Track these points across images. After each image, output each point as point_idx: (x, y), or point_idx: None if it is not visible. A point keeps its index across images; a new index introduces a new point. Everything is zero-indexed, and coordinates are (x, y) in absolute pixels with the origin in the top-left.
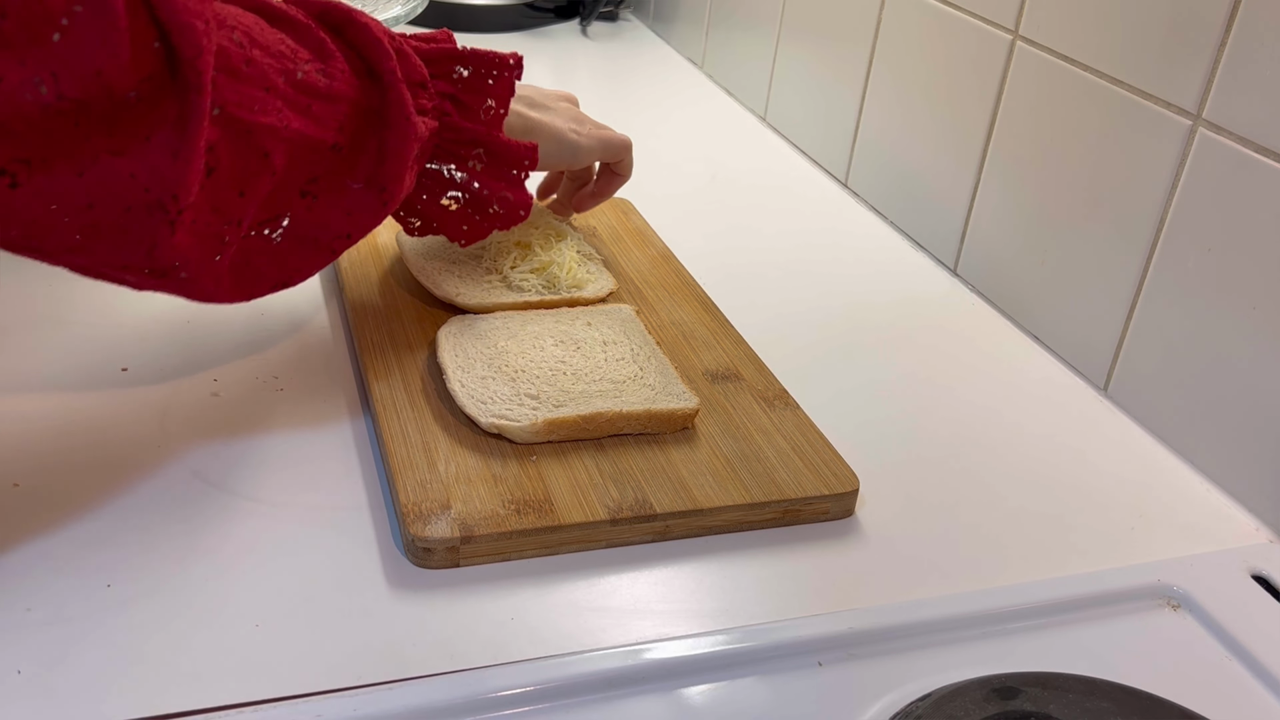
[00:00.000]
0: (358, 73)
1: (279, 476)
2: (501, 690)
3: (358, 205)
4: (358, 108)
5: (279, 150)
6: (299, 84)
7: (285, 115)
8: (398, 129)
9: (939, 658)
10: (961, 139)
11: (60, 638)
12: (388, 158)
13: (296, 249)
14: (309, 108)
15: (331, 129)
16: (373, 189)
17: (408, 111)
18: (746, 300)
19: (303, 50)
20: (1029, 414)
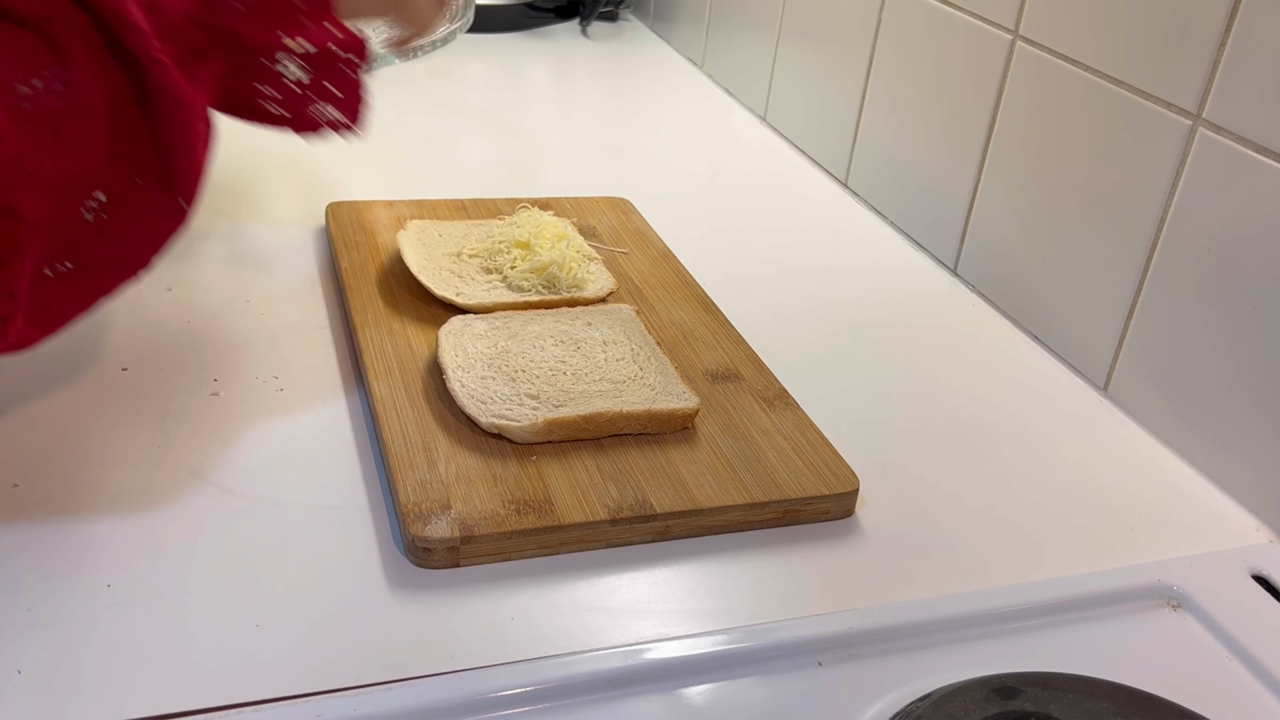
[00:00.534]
0: (102, 54)
1: (279, 476)
2: (501, 690)
3: (155, 211)
4: (119, 100)
5: (32, 204)
6: (35, 115)
7: (29, 160)
8: (170, 118)
9: (939, 658)
10: (961, 139)
11: (60, 638)
12: (169, 152)
13: (96, 278)
14: (56, 135)
15: (96, 144)
16: (165, 190)
17: (177, 95)
18: (746, 300)
19: (32, 66)
20: (1029, 414)
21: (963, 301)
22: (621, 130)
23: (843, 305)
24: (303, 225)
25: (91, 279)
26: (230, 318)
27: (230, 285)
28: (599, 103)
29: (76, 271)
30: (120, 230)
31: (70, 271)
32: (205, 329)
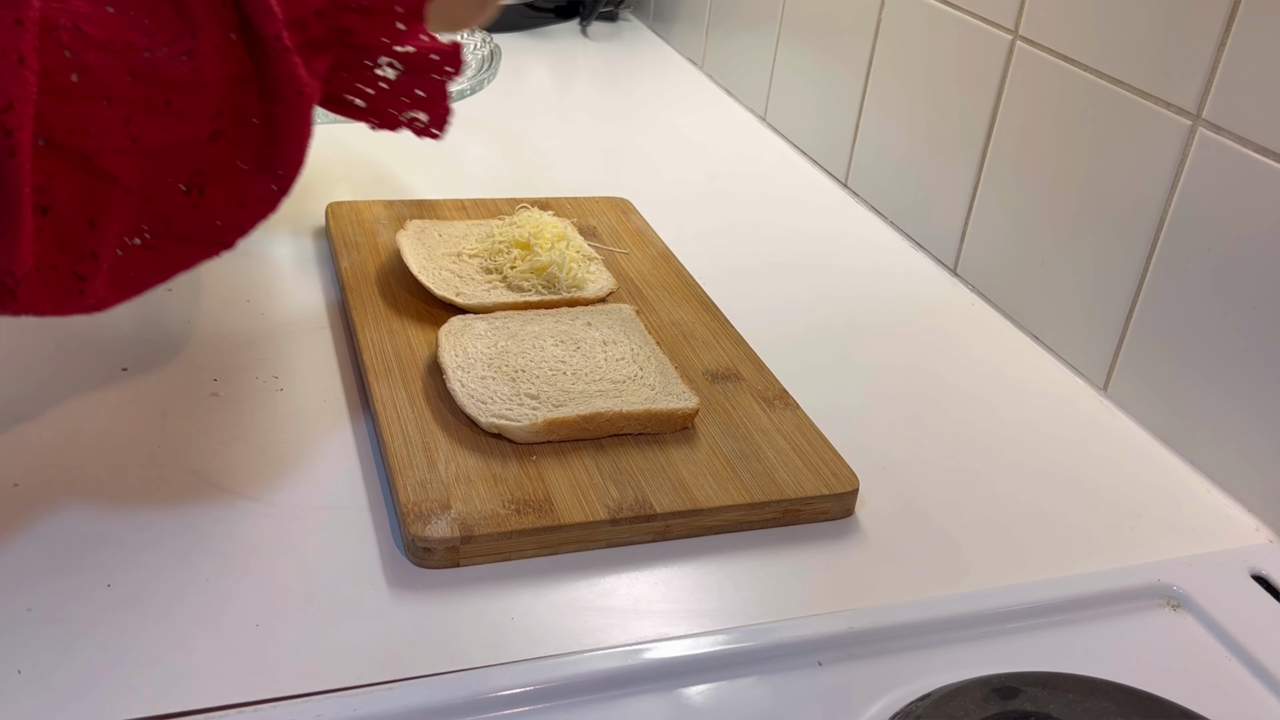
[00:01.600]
0: (232, 34)
1: (279, 476)
2: (501, 690)
3: (250, 194)
4: (236, 80)
5: (130, 167)
6: (154, 78)
7: (134, 125)
8: (289, 104)
9: (939, 658)
10: (961, 139)
11: (60, 638)
12: (279, 138)
13: (183, 249)
14: (169, 103)
15: (204, 119)
16: (266, 174)
17: (299, 84)
18: (746, 300)
19: (161, 32)
20: (1029, 414)
21: (962, 301)
22: (621, 130)
23: (843, 305)
24: (302, 225)
25: (176, 250)
26: (230, 318)
27: (230, 285)
28: (599, 103)
29: (162, 242)
30: (213, 208)
31: (156, 241)
32: (205, 329)
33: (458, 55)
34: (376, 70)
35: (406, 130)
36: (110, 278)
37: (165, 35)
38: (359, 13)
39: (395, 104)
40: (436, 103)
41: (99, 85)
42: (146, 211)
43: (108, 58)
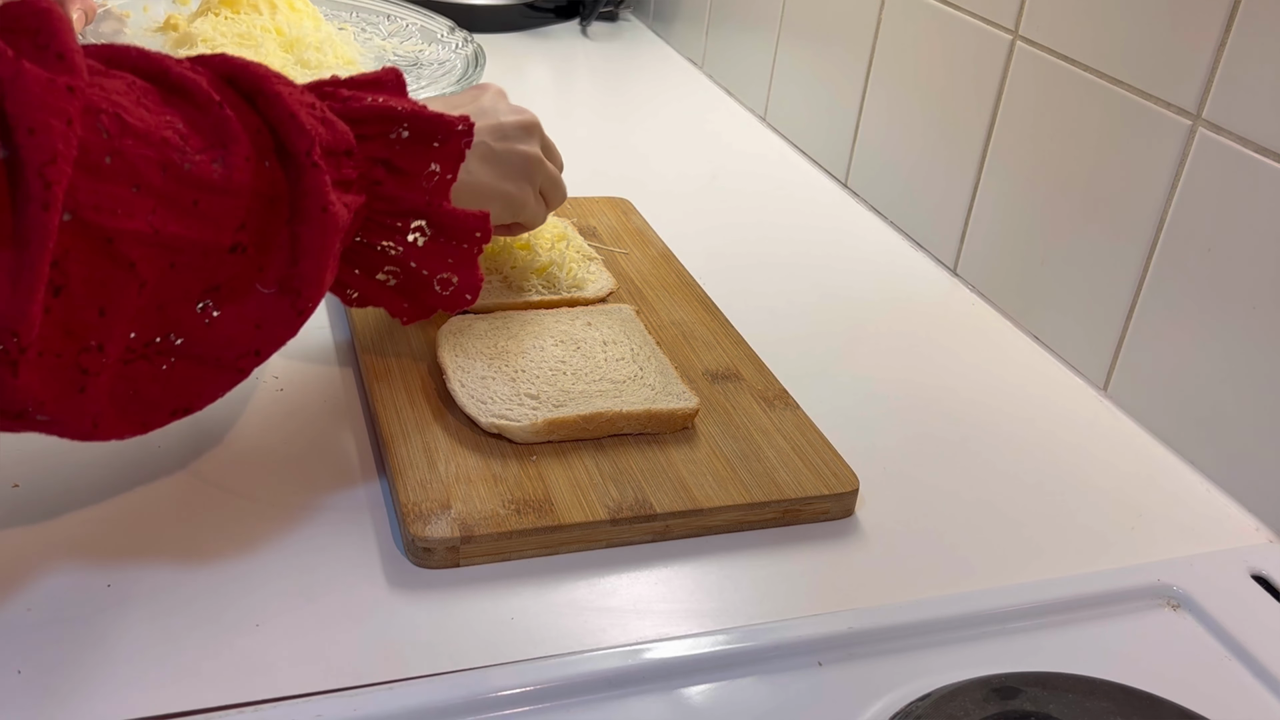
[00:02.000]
0: (266, 155)
1: (279, 476)
2: (501, 690)
3: (268, 315)
4: (264, 199)
5: (149, 259)
6: (184, 176)
7: (159, 216)
8: (314, 222)
9: (939, 658)
10: (961, 139)
11: (60, 638)
12: (302, 257)
13: (194, 372)
14: (195, 204)
15: (229, 228)
16: (286, 294)
17: (326, 201)
18: (746, 300)
19: (195, 136)
20: (1029, 414)
21: (962, 301)
22: (621, 130)
23: (843, 305)
24: None
25: (186, 371)
26: None
27: None
28: (599, 103)
29: (172, 361)
30: (227, 327)
31: (166, 359)
32: None
33: (487, 222)
34: (408, 234)
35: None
36: (115, 393)
37: (198, 142)
38: (386, 168)
39: (425, 262)
40: (468, 267)
41: (131, 171)
42: (158, 320)
43: (142, 148)
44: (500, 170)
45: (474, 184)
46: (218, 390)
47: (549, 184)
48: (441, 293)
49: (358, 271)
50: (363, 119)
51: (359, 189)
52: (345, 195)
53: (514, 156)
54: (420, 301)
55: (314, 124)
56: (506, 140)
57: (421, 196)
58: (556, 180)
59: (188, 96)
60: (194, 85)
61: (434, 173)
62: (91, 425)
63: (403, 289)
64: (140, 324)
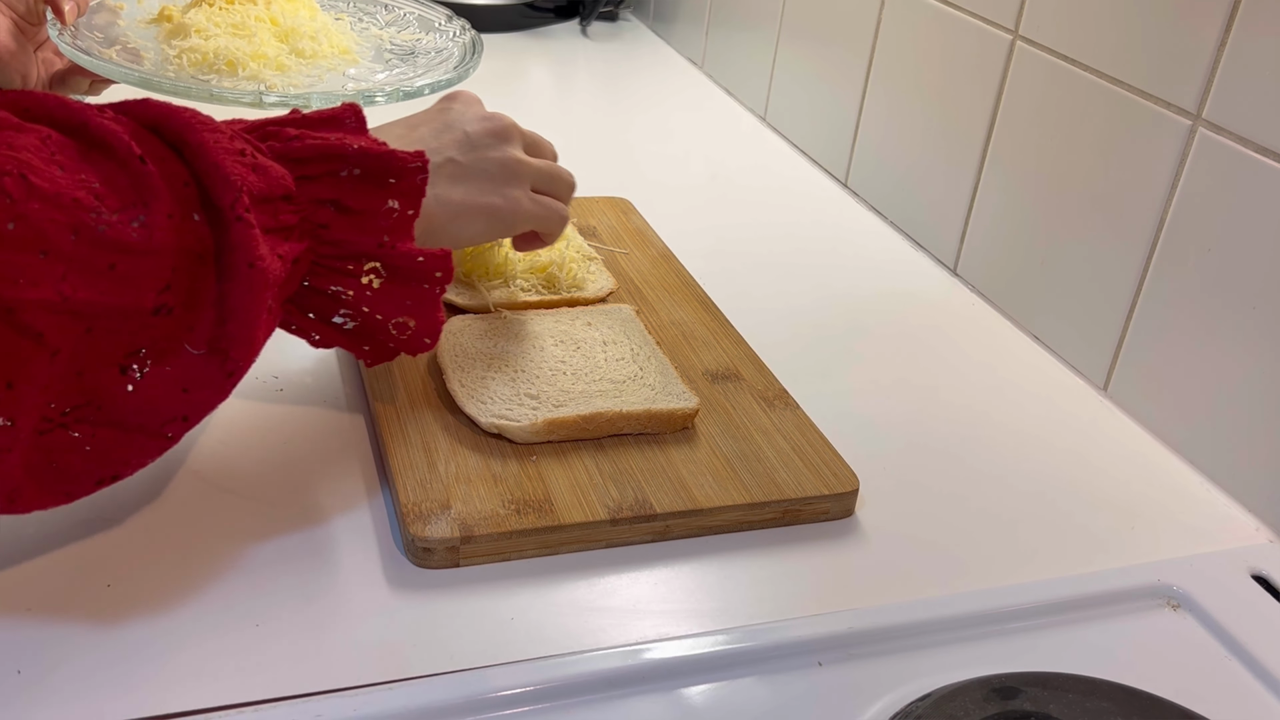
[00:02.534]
0: (192, 209)
1: (279, 476)
2: (501, 690)
3: (196, 378)
4: (191, 255)
5: (59, 327)
6: (99, 239)
7: (70, 283)
8: (240, 279)
9: (939, 658)
10: (961, 139)
11: (60, 638)
12: (229, 316)
13: (118, 439)
14: (112, 268)
15: (150, 289)
16: (214, 355)
17: (253, 256)
18: (746, 300)
19: (112, 195)
20: (1029, 414)
21: (963, 301)
22: (621, 130)
23: (843, 305)
24: None
25: (110, 439)
26: None
27: None
28: (599, 103)
29: (94, 429)
30: (153, 391)
31: (87, 427)
32: None
33: (448, 262)
34: (361, 277)
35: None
36: (31, 464)
37: (115, 201)
38: (335, 208)
39: (380, 307)
40: (427, 310)
41: (37, 236)
42: (77, 388)
43: (51, 211)
44: (476, 185)
45: (449, 205)
46: (144, 458)
47: (544, 180)
48: (399, 337)
49: (312, 315)
50: (307, 159)
51: (300, 234)
52: (282, 244)
53: (488, 165)
54: (380, 344)
55: (242, 172)
56: (476, 151)
57: (373, 239)
58: (552, 173)
59: (107, 151)
60: (114, 138)
61: (392, 209)
62: (7, 500)
63: (360, 333)
64: (56, 392)
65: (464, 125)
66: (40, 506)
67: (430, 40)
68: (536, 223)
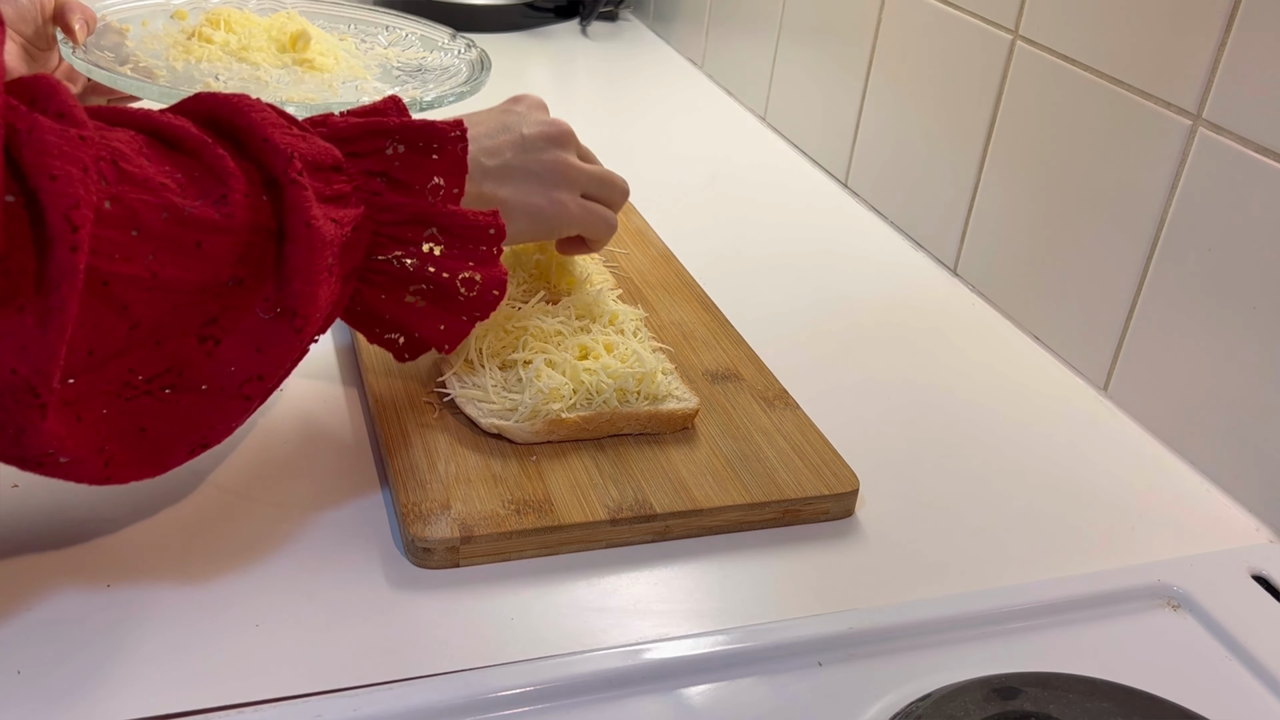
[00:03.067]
0: (258, 187)
1: (279, 476)
2: (501, 690)
3: (268, 339)
4: (262, 231)
5: (143, 303)
6: (186, 219)
7: (159, 260)
8: (299, 239)
9: (939, 658)
10: (961, 139)
11: (60, 638)
12: (293, 276)
13: (199, 404)
14: (199, 245)
15: (228, 263)
16: (283, 317)
17: (308, 217)
18: (746, 300)
19: (196, 184)
20: (1029, 414)
21: (963, 301)
22: (621, 130)
23: (843, 305)
24: None
25: (191, 404)
26: None
27: None
28: (599, 103)
29: (174, 395)
30: (228, 354)
31: (168, 393)
32: None
33: (499, 218)
34: (422, 245)
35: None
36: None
37: (197, 189)
38: (385, 180)
39: (445, 266)
40: (489, 265)
41: (131, 216)
42: (157, 356)
43: (142, 193)
44: (525, 185)
45: (495, 200)
46: (229, 420)
47: (595, 185)
48: (467, 294)
49: (384, 296)
50: (352, 137)
51: (355, 201)
52: (339, 210)
53: (537, 167)
54: (452, 315)
55: (291, 141)
56: (529, 153)
57: (423, 201)
58: (604, 179)
59: (182, 145)
60: (185, 133)
61: (438, 186)
62: (103, 465)
63: (432, 306)
64: (136, 359)
65: (521, 127)
66: (137, 477)
67: (435, 59)
68: (583, 227)
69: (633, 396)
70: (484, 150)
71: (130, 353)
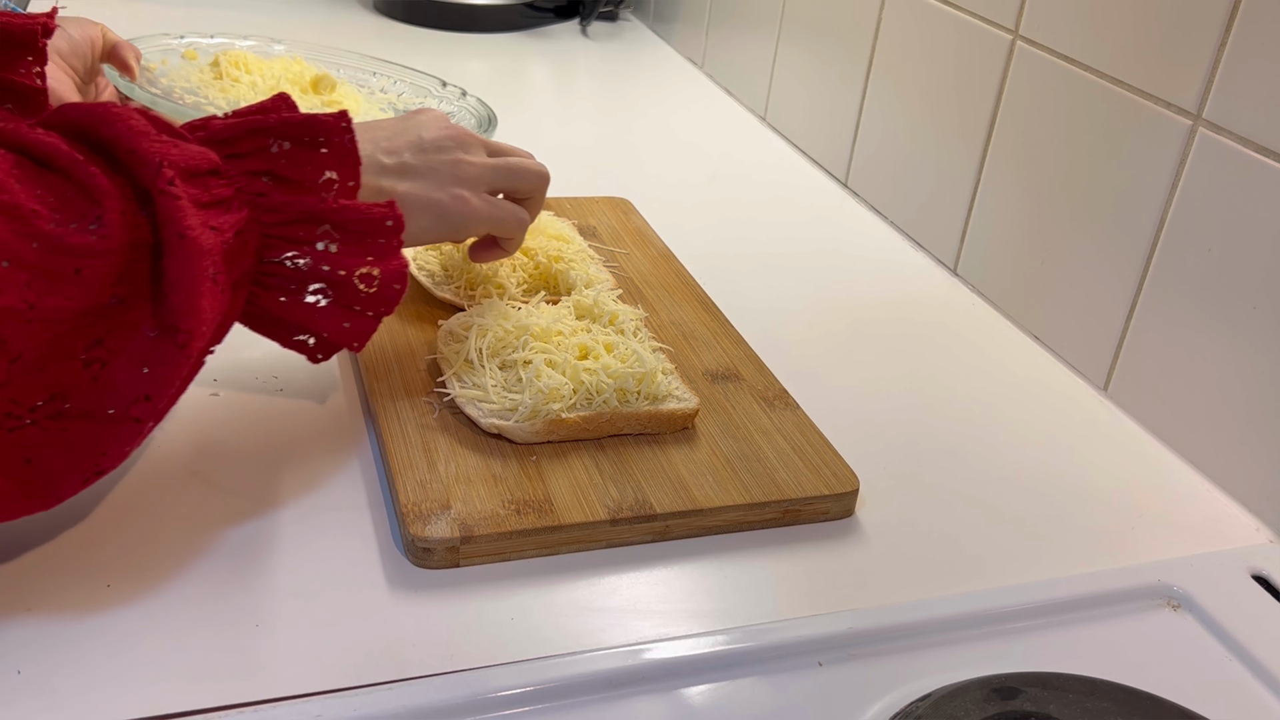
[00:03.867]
0: (133, 202)
1: (279, 476)
2: (501, 690)
3: (154, 358)
4: (140, 247)
5: (21, 335)
6: (60, 246)
7: (35, 290)
8: (175, 252)
9: (939, 658)
10: (961, 139)
11: (60, 638)
12: (172, 290)
13: (88, 431)
14: (78, 272)
15: (107, 286)
16: (166, 333)
17: (182, 226)
18: (746, 300)
19: (66, 206)
20: (1029, 414)
21: (963, 301)
22: (622, 130)
23: (843, 305)
24: None
25: (80, 431)
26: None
27: None
28: (599, 103)
29: (61, 422)
30: (115, 377)
31: (54, 421)
32: None
33: (395, 209)
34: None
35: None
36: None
37: (70, 211)
38: (272, 179)
39: (341, 262)
40: (388, 257)
41: (1, 247)
42: (40, 383)
43: (12, 223)
44: (424, 181)
45: (394, 196)
46: (121, 445)
47: (505, 178)
48: (367, 290)
49: (283, 299)
50: (231, 138)
51: (238, 204)
52: (220, 215)
53: (437, 164)
54: (356, 313)
55: (160, 149)
56: (427, 153)
57: (312, 198)
58: (511, 170)
59: (52, 163)
60: (54, 150)
61: (331, 180)
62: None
63: (334, 305)
64: (18, 388)
65: (420, 131)
66: (26, 511)
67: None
68: (490, 225)
69: (633, 396)
70: (382, 150)
71: (11, 384)
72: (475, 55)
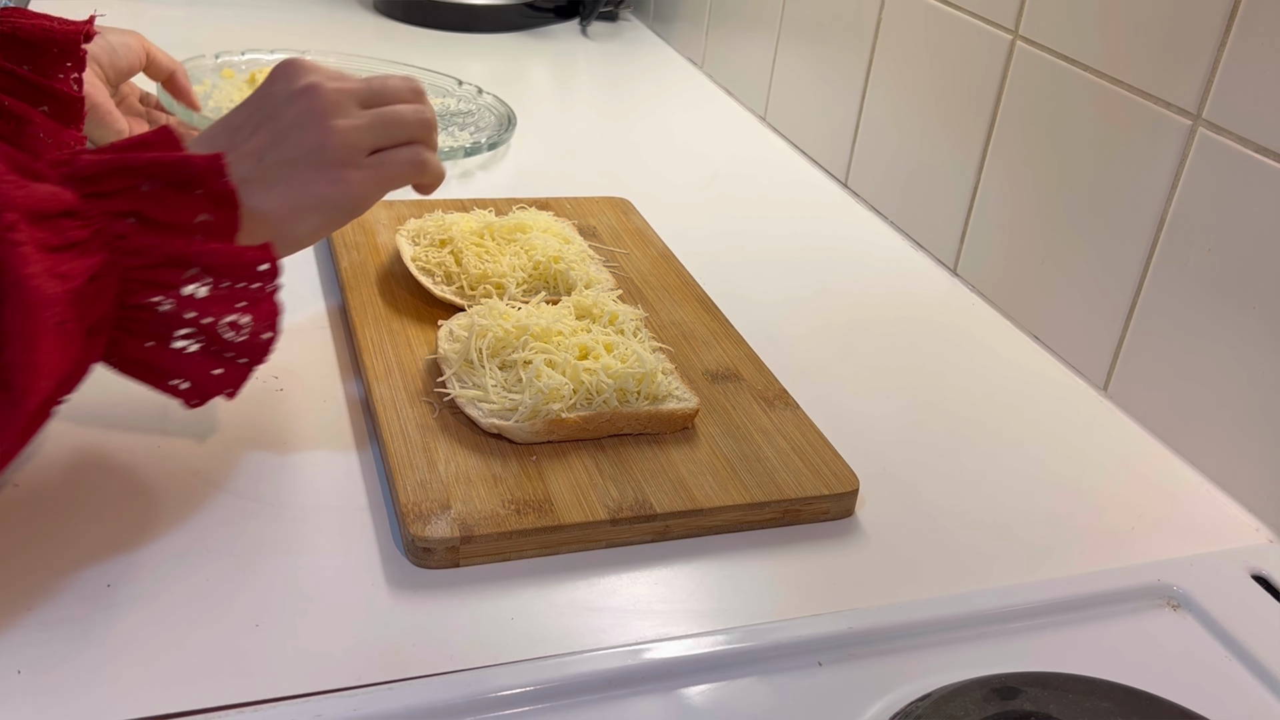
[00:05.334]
0: None
1: (279, 476)
2: (501, 690)
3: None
4: None
5: None
6: None
7: None
8: (10, 302)
9: (939, 658)
10: (961, 139)
11: (60, 638)
12: (8, 342)
13: None
14: None
15: None
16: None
17: (19, 275)
18: (747, 300)
19: None
20: (1029, 414)
21: (963, 301)
22: (622, 130)
23: (843, 305)
24: None
25: None
26: None
27: None
28: (599, 103)
29: None
30: None
31: None
32: None
33: (269, 253)
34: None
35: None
36: None
37: None
38: (138, 220)
39: (209, 309)
40: (262, 302)
41: None
42: None
43: None
44: (296, 178)
45: (272, 212)
46: None
47: (382, 133)
48: (237, 339)
49: (150, 344)
50: (95, 176)
51: (95, 248)
52: (71, 260)
53: (301, 152)
54: (226, 361)
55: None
56: (287, 140)
57: (178, 241)
58: (387, 120)
59: None
60: None
61: (206, 222)
62: None
63: (203, 352)
64: None
65: (275, 112)
66: None
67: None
68: (382, 189)
69: (633, 396)
70: (242, 157)
71: None
72: (475, 55)
